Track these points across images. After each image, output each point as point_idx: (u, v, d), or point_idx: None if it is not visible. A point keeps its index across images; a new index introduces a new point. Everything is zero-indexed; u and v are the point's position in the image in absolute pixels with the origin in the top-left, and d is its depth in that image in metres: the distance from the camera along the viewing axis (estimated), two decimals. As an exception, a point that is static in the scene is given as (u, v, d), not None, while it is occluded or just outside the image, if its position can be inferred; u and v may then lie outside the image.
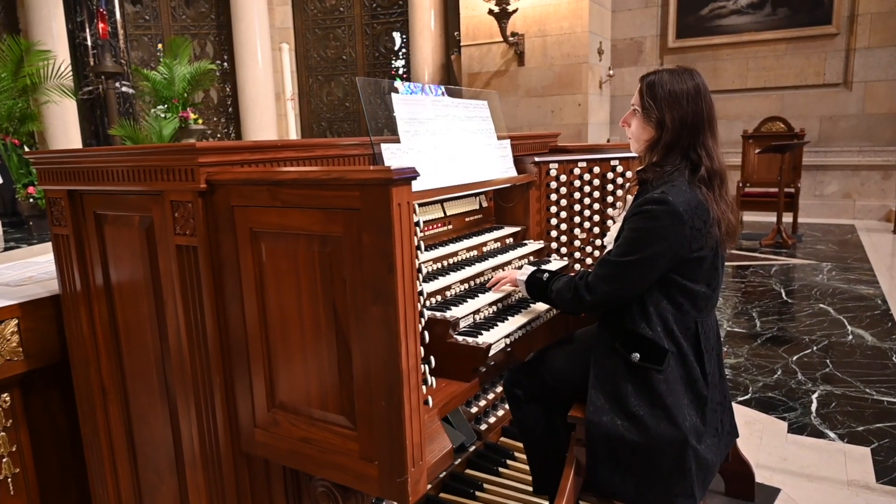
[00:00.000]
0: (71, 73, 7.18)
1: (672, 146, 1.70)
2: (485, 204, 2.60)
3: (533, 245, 2.58)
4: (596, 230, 2.76)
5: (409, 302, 1.19)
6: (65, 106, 7.51)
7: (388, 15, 10.69)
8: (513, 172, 2.55)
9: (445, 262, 2.18)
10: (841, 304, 4.94)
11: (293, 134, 4.93)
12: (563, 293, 1.80)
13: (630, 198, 1.80)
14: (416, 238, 1.38)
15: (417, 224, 1.38)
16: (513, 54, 8.69)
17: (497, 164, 2.44)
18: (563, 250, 2.73)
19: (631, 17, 9.53)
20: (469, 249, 2.31)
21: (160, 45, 10.10)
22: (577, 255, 2.75)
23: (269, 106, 10.53)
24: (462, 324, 1.87)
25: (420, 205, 2.19)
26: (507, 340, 1.88)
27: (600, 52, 8.82)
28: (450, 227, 2.39)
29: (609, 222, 2.63)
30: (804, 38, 8.55)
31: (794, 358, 3.93)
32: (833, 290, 5.35)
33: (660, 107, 1.70)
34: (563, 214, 2.71)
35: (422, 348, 1.48)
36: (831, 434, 2.98)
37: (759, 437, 2.97)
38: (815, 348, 4.08)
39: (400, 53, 10.66)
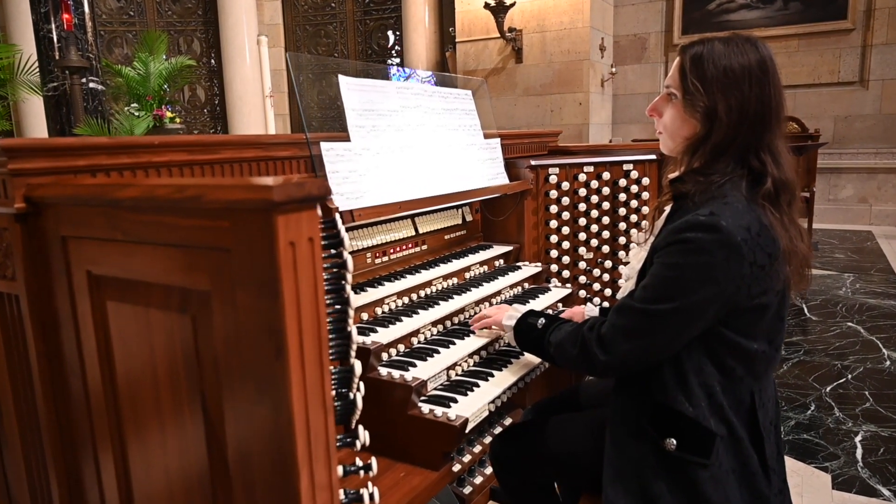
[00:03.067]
0: (37, 68, 6.70)
1: (724, 147, 1.21)
2: (469, 217, 2.12)
3: (528, 269, 2.10)
4: (605, 249, 2.27)
5: (314, 402, 0.71)
6: (38, 103, 7.05)
7: (381, 11, 10.30)
8: (503, 179, 2.07)
9: (415, 296, 1.70)
10: (871, 323, 4.46)
11: (272, 133, 4.48)
12: (565, 348, 1.31)
13: (661, 220, 1.31)
14: (345, 286, 0.90)
15: (342, 267, 0.90)
16: (510, 51, 8.29)
17: (483, 169, 1.96)
18: (566, 274, 2.25)
19: (634, 12, 9.08)
20: (447, 277, 1.83)
21: (145, 42, 9.67)
22: (583, 279, 2.27)
23: (258, 104, 10.14)
24: (431, 385, 1.39)
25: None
26: (492, 407, 1.40)
27: (602, 48, 8.41)
28: (423, 247, 1.91)
29: (632, 246, 2.13)
30: (817, 33, 8.11)
31: (828, 389, 3.45)
32: (860, 305, 4.87)
33: (710, 90, 1.20)
34: (566, 230, 2.23)
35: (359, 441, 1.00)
36: (884, 491, 2.50)
37: (800, 494, 2.48)
38: (849, 376, 3.60)
39: (393, 51, 10.27)
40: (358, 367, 0.89)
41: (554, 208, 2.21)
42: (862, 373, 3.64)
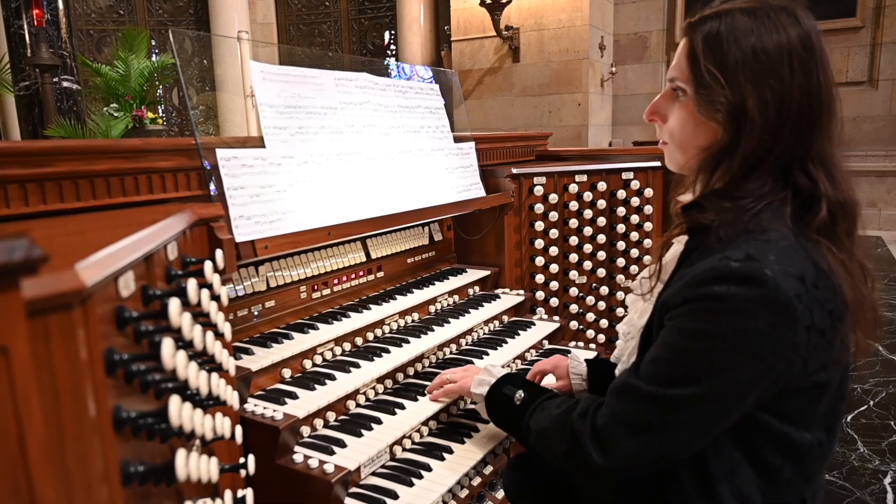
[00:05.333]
0: (9, 67, 6.38)
1: (759, 159, 0.87)
2: (438, 236, 1.78)
3: (509, 297, 1.76)
4: (601, 272, 1.94)
5: None
6: (11, 102, 6.75)
7: (376, 9, 10.06)
8: (478, 191, 1.73)
9: (360, 340, 1.35)
10: (890, 340, 4.11)
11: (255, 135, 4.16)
12: (550, 442, 0.97)
13: (668, 258, 0.97)
14: (173, 393, 0.56)
15: (144, 359, 0.56)
16: (507, 49, 8.02)
17: (451, 180, 1.63)
18: (554, 302, 1.91)
19: (635, 10, 8.77)
20: (405, 313, 1.48)
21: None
22: (574, 308, 1.93)
23: (249, 105, 9.89)
24: (367, 471, 1.05)
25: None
26: (449, 497, 1.06)
27: (602, 47, 8.13)
28: (379, 275, 1.57)
29: (631, 284, 1.72)
30: (825, 31, 7.62)
31: (849, 419, 3.10)
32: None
33: (734, 80, 0.86)
34: (554, 251, 1.89)
35: None
36: (925, 550, 2.16)
37: (827, 554, 2.14)
38: (871, 403, 3.26)
39: (388, 50, 10.03)
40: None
41: (540, 225, 1.88)
42: (884, 399, 3.30)
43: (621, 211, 1.93)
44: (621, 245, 1.95)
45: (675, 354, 0.82)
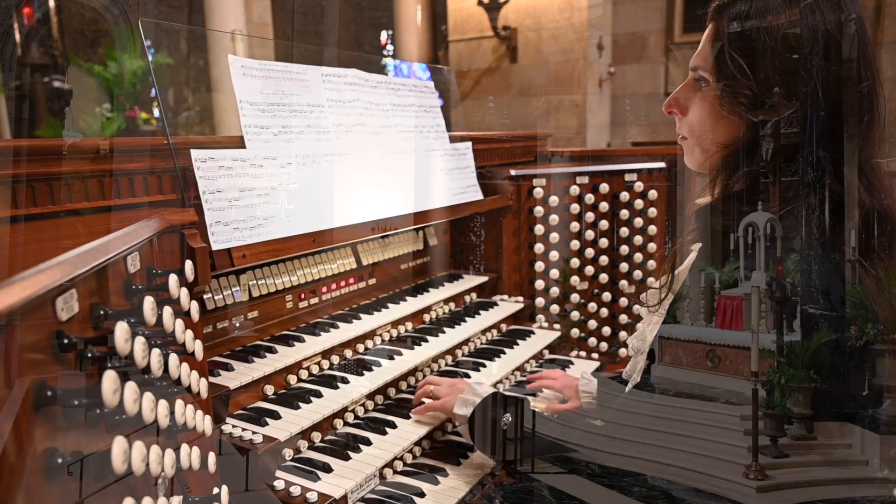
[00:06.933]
0: (-1, 66, 6.30)
1: (785, 159, 0.80)
2: (433, 241, 1.70)
3: (507, 305, 1.69)
4: (603, 278, 1.87)
5: None
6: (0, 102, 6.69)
7: (373, 10, 10.00)
8: (476, 193, 1.66)
9: (349, 352, 1.28)
10: None
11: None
12: None
13: (681, 268, 0.90)
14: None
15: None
16: (504, 50, 7.97)
17: (448, 182, 1.55)
18: (555, 309, 1.83)
19: (634, 10, 8.71)
20: (398, 323, 1.41)
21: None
22: (575, 315, 1.85)
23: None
24: (353, 498, 0.97)
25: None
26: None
27: (600, 47, 8.07)
28: (371, 281, 1.49)
29: (642, 297, 1.67)
30: (826, 31, 7.75)
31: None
32: (880, 323, 4.46)
33: (761, 71, 0.80)
34: (554, 255, 1.82)
35: None
36: (938, 565, 2.08)
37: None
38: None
39: (385, 51, 10.01)
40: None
41: (540, 228, 1.80)
42: (891, 403, 3.23)
43: (624, 214, 1.86)
44: (624, 249, 1.88)
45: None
